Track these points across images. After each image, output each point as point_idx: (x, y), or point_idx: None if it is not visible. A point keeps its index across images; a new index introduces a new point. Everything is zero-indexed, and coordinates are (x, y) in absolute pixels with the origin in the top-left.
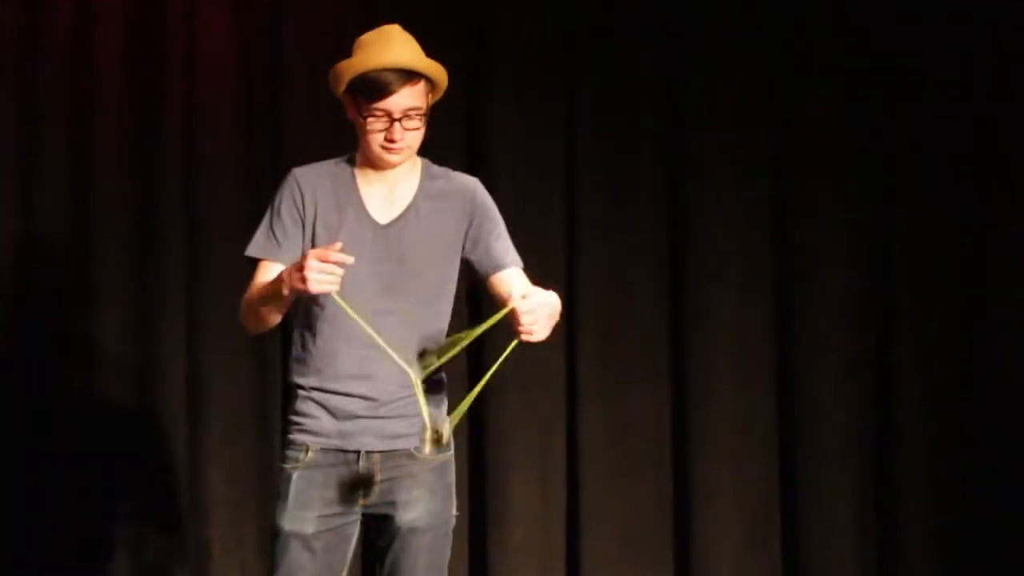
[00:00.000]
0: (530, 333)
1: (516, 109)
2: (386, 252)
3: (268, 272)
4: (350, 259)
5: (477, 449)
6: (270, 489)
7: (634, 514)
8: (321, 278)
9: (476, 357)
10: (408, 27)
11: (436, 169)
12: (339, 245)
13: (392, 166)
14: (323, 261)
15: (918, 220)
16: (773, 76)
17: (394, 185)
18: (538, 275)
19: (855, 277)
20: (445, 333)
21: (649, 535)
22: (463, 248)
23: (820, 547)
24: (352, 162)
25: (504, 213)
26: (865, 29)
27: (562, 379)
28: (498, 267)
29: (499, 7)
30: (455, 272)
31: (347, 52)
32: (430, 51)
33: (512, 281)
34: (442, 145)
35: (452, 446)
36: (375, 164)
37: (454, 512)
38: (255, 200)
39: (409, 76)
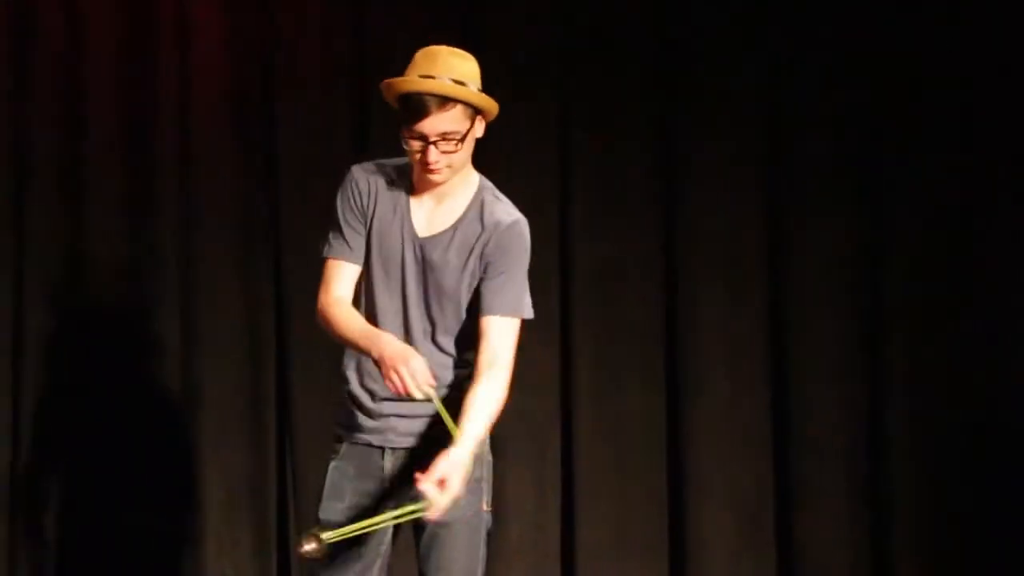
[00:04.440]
0: (433, 516)
1: (509, 109)
2: (420, 265)
3: (340, 271)
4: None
5: None
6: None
7: (629, 511)
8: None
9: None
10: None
11: (490, 196)
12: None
13: (433, 185)
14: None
15: (909, 218)
16: (769, 73)
17: (442, 200)
18: (533, 274)
19: (848, 275)
20: (468, 358)
21: (643, 532)
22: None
23: (814, 543)
24: (412, 168)
25: None
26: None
27: (556, 377)
28: (483, 310)
29: (494, 8)
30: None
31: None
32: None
33: (486, 329)
34: None
35: (487, 444)
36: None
37: (485, 508)
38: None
39: (444, 101)
